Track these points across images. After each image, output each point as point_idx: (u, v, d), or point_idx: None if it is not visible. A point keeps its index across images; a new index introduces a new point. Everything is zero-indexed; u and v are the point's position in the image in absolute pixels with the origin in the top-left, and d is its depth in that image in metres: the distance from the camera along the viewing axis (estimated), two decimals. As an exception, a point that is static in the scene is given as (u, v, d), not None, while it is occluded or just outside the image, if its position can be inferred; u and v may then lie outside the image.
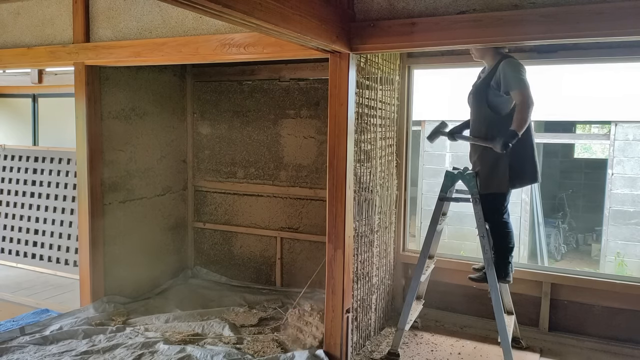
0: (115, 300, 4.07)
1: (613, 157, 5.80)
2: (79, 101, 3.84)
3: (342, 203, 3.04)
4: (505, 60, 3.05)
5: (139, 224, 4.34)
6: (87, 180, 3.85)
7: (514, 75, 2.96)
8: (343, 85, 2.98)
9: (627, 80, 5.41)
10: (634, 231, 5.78)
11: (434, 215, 3.36)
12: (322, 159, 4.37)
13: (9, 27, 4.15)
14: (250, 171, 4.76)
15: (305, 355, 3.14)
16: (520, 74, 2.97)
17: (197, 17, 3.35)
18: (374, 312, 3.73)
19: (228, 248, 4.91)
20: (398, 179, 4.13)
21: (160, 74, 4.54)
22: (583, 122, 9.03)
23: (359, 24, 2.92)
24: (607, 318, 3.63)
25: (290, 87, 4.53)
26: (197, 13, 2.43)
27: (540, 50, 3.60)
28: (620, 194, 5.78)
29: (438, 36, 2.73)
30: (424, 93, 5.72)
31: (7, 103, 6.26)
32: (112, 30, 3.71)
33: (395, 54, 3.88)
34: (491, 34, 2.61)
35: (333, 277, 3.11)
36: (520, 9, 2.57)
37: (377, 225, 3.69)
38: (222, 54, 3.24)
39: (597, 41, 3.00)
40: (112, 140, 4.05)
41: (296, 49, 2.96)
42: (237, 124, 4.77)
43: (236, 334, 3.59)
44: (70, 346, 3.34)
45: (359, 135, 3.24)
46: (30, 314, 4.00)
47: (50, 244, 5.12)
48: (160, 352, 3.26)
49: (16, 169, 5.44)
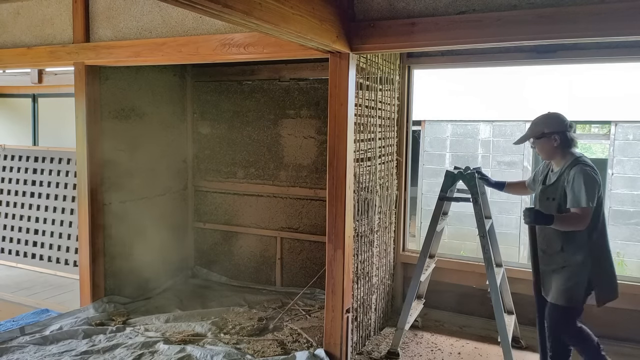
0: (115, 300, 4.07)
1: (613, 157, 5.79)
2: (79, 101, 3.84)
3: (342, 203, 3.04)
4: (576, 167, 2.70)
5: (139, 224, 4.34)
6: (87, 180, 3.85)
7: (584, 193, 2.61)
8: (343, 85, 2.98)
9: (627, 80, 5.41)
10: (634, 231, 5.77)
11: (434, 215, 3.37)
12: (322, 159, 4.37)
13: (9, 27, 4.15)
14: (250, 171, 4.76)
15: (306, 355, 3.14)
16: (591, 191, 2.61)
17: (197, 17, 3.35)
18: (374, 312, 3.74)
19: (228, 248, 4.91)
20: (398, 179, 4.14)
21: (160, 74, 4.54)
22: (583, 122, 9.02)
23: (359, 24, 2.92)
24: (607, 318, 3.62)
25: (290, 87, 4.53)
26: (197, 13, 2.43)
27: (539, 50, 3.60)
28: (620, 194, 5.78)
29: (438, 36, 2.73)
30: (424, 93, 5.72)
31: (7, 103, 6.27)
32: (112, 30, 3.71)
33: (395, 54, 3.89)
34: (490, 34, 2.61)
35: (333, 277, 3.11)
36: (519, 9, 2.57)
37: (377, 225, 3.69)
38: (222, 53, 3.24)
39: (596, 41, 3.01)
40: (112, 140, 4.04)
41: (296, 49, 2.96)
42: (237, 124, 4.77)
43: (236, 334, 3.59)
44: (70, 346, 3.34)
45: (359, 135, 3.24)
46: (30, 314, 4.00)
47: (50, 244, 5.12)
48: (160, 352, 3.26)
49: (16, 169, 5.45)
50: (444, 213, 3.46)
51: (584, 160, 2.72)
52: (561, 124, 2.79)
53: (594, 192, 2.62)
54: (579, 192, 2.62)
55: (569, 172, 2.70)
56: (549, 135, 2.79)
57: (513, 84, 5.87)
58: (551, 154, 2.84)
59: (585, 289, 2.73)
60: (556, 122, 2.80)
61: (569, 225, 2.67)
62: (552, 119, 2.83)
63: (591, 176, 2.64)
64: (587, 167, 2.68)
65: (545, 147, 2.83)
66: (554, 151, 2.81)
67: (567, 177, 2.71)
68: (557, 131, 2.77)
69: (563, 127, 2.78)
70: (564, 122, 2.80)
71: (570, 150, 2.79)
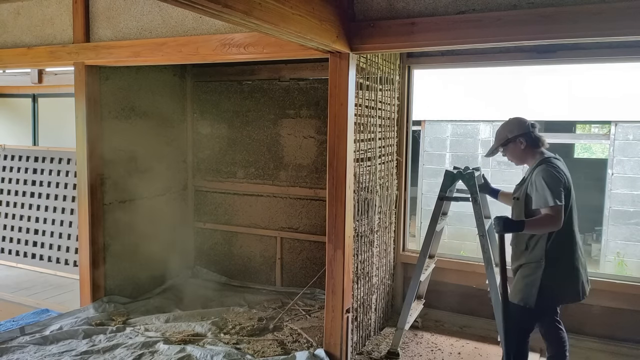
0: (115, 300, 4.07)
1: (613, 157, 5.79)
2: (79, 101, 3.84)
3: (342, 203, 3.04)
4: (539, 167, 2.69)
5: (139, 224, 4.34)
6: (87, 181, 3.85)
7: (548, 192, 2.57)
8: (343, 85, 2.98)
9: (627, 80, 5.41)
10: (634, 231, 5.77)
11: (433, 215, 3.36)
12: (322, 159, 4.37)
13: (9, 27, 4.15)
14: (250, 171, 4.76)
15: (306, 355, 3.14)
16: (555, 188, 2.57)
17: (197, 17, 3.35)
18: (374, 312, 3.74)
19: (228, 248, 4.91)
20: (398, 179, 4.14)
21: (160, 74, 4.54)
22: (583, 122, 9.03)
23: (358, 24, 2.92)
24: (606, 318, 3.63)
25: (290, 87, 4.53)
26: (197, 13, 2.43)
27: (539, 50, 3.60)
28: (620, 194, 5.78)
29: (438, 36, 2.74)
30: (424, 93, 5.72)
31: (7, 103, 6.27)
32: (112, 30, 3.71)
33: (395, 54, 3.89)
34: (490, 34, 2.61)
35: (333, 277, 3.11)
36: (519, 9, 2.57)
37: (377, 225, 3.69)
38: (222, 53, 3.24)
39: (597, 41, 3.00)
40: (112, 140, 4.04)
41: (296, 48, 2.96)
42: (237, 123, 4.77)
43: (236, 334, 3.59)
44: (70, 346, 3.34)
45: (359, 135, 3.24)
46: (30, 314, 4.00)
47: (50, 244, 5.12)
48: (160, 352, 3.26)
49: (16, 169, 5.45)
50: (444, 213, 3.46)
51: (549, 160, 2.70)
52: (522, 126, 2.80)
53: (559, 189, 2.58)
54: (542, 191, 2.59)
55: (533, 172, 2.70)
56: (513, 139, 2.80)
57: (513, 84, 5.87)
58: (521, 158, 2.84)
59: (538, 290, 2.65)
60: (517, 125, 2.82)
61: (543, 226, 2.61)
62: (513, 123, 2.85)
63: (552, 174, 2.61)
64: (550, 165, 2.66)
65: (514, 152, 2.85)
66: (523, 154, 2.81)
67: (531, 178, 2.71)
68: (520, 134, 2.79)
69: (525, 128, 2.79)
70: (524, 123, 2.81)
71: (539, 150, 2.79)
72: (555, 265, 2.66)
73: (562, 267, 2.68)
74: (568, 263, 2.69)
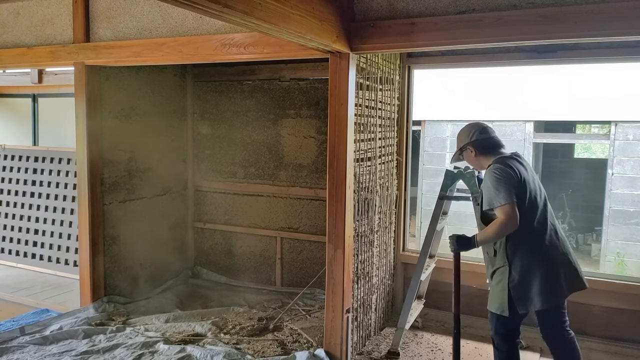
0: (115, 300, 4.07)
1: (613, 157, 5.79)
2: (79, 101, 3.84)
3: (342, 203, 3.04)
4: (488, 169, 2.65)
5: (139, 224, 4.34)
6: (87, 180, 3.85)
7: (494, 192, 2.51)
8: (343, 85, 2.98)
9: (627, 80, 5.41)
10: (634, 231, 5.77)
11: (434, 214, 3.37)
12: (322, 159, 4.37)
13: (9, 27, 4.15)
14: (250, 171, 4.76)
15: (306, 355, 3.14)
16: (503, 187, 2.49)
17: (197, 17, 3.36)
18: (374, 312, 3.73)
19: (228, 248, 4.91)
20: (398, 179, 4.14)
21: (161, 74, 4.54)
22: (583, 122, 9.03)
23: (359, 24, 2.92)
24: (606, 318, 3.63)
25: (290, 87, 4.53)
26: (197, 13, 2.44)
27: (539, 50, 3.60)
28: (620, 194, 5.78)
29: (438, 36, 2.74)
30: (424, 93, 5.71)
31: (7, 103, 6.26)
32: (112, 30, 3.71)
33: (395, 54, 3.89)
34: (490, 34, 2.61)
35: (333, 277, 3.11)
36: (519, 9, 2.57)
37: (377, 225, 3.69)
38: (222, 53, 3.24)
39: (597, 41, 3.01)
40: (112, 140, 4.05)
41: (296, 48, 2.96)
42: (237, 123, 4.77)
43: (236, 334, 3.59)
44: (70, 346, 3.34)
45: (359, 135, 3.24)
46: (30, 314, 4.00)
47: (50, 244, 5.12)
48: (160, 352, 3.26)
49: (16, 169, 5.45)
50: (444, 212, 3.46)
51: (498, 161, 2.64)
52: (466, 135, 2.82)
53: (508, 188, 2.48)
54: (489, 191, 2.54)
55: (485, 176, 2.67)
56: (464, 148, 2.83)
57: (513, 84, 5.87)
58: (477, 163, 2.83)
59: (508, 296, 2.56)
60: (463, 135, 2.85)
61: (497, 231, 2.50)
62: (461, 133, 2.88)
63: (496, 175, 2.53)
64: (495, 167, 2.58)
65: (469, 159, 2.87)
66: (477, 160, 2.81)
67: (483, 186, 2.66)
68: (467, 143, 2.81)
69: (470, 137, 2.79)
70: (469, 132, 2.81)
71: (496, 152, 2.73)
72: (518, 267, 2.56)
73: (525, 267, 2.55)
74: (531, 262, 2.55)
